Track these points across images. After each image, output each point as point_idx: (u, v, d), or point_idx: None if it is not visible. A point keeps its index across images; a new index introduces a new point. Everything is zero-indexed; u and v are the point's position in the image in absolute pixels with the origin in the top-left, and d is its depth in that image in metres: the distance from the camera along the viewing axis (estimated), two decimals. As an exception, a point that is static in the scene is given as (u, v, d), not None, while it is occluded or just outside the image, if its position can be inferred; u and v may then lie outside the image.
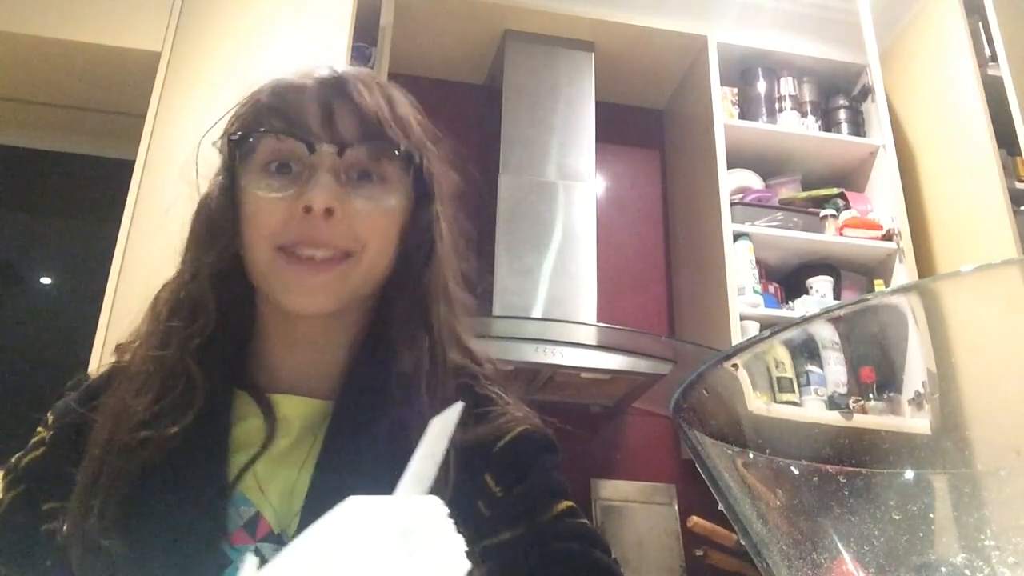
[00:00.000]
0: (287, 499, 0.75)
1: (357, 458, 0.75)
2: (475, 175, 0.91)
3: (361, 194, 0.77)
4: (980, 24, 2.84)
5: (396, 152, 0.79)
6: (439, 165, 0.86)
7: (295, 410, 0.80)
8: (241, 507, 0.74)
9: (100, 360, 2.03)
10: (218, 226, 0.80)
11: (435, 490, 0.38)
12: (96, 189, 2.81)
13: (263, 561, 0.36)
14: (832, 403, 0.36)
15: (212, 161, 0.85)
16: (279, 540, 0.73)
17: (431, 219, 0.83)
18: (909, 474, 0.34)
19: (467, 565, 0.34)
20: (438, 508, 0.36)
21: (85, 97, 2.68)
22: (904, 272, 2.78)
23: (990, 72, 2.75)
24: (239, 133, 0.80)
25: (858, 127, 3.09)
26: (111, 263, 2.13)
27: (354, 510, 0.36)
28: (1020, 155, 2.65)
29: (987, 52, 2.81)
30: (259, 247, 0.77)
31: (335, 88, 0.80)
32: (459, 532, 0.36)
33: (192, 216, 0.86)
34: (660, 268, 3.19)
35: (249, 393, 0.81)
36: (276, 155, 0.78)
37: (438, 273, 0.84)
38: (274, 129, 0.78)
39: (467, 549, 0.35)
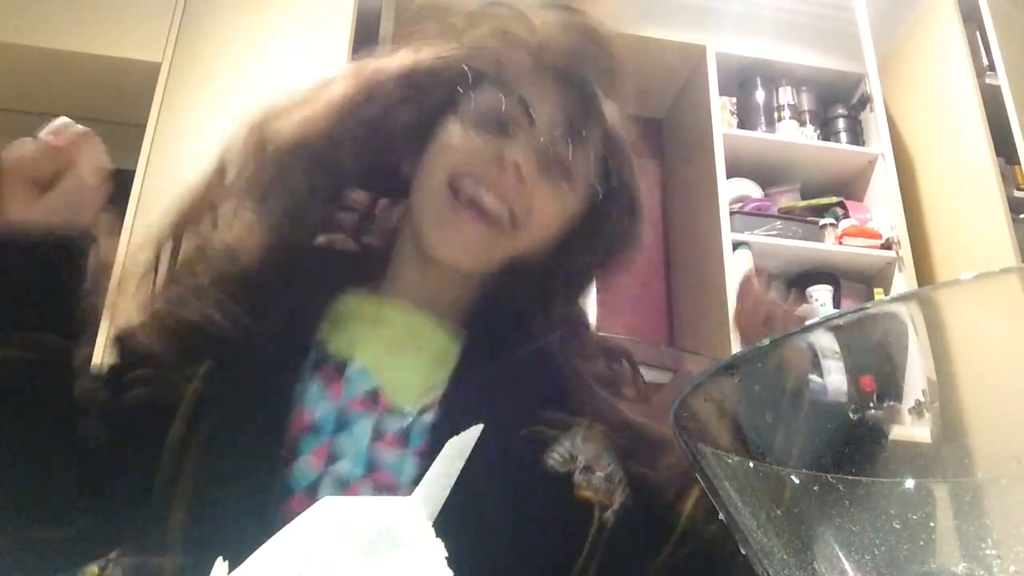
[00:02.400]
0: (410, 382, 0.77)
1: (493, 373, 0.77)
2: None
3: (550, 182, 0.79)
4: (977, 33, 2.85)
5: (595, 150, 0.81)
6: (630, 172, 0.87)
7: (426, 320, 0.82)
8: (360, 379, 0.76)
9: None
10: (403, 132, 0.80)
11: None
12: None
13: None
14: (833, 412, 0.36)
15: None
16: (400, 415, 0.75)
17: (606, 220, 0.84)
18: (910, 483, 0.34)
19: (445, 569, 0.34)
20: (416, 510, 0.36)
21: (85, 107, 2.67)
22: (903, 281, 2.78)
23: (988, 81, 2.76)
24: (471, 69, 0.80)
25: (857, 136, 3.09)
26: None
27: (329, 510, 0.36)
28: (1018, 164, 2.66)
29: (985, 61, 2.81)
30: (438, 174, 0.78)
31: (566, 79, 0.81)
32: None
33: (355, 94, 0.82)
34: (659, 276, 3.19)
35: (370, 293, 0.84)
36: (496, 109, 0.78)
37: (583, 282, 0.89)
38: (506, 86, 0.79)
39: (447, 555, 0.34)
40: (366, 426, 0.74)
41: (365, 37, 2.63)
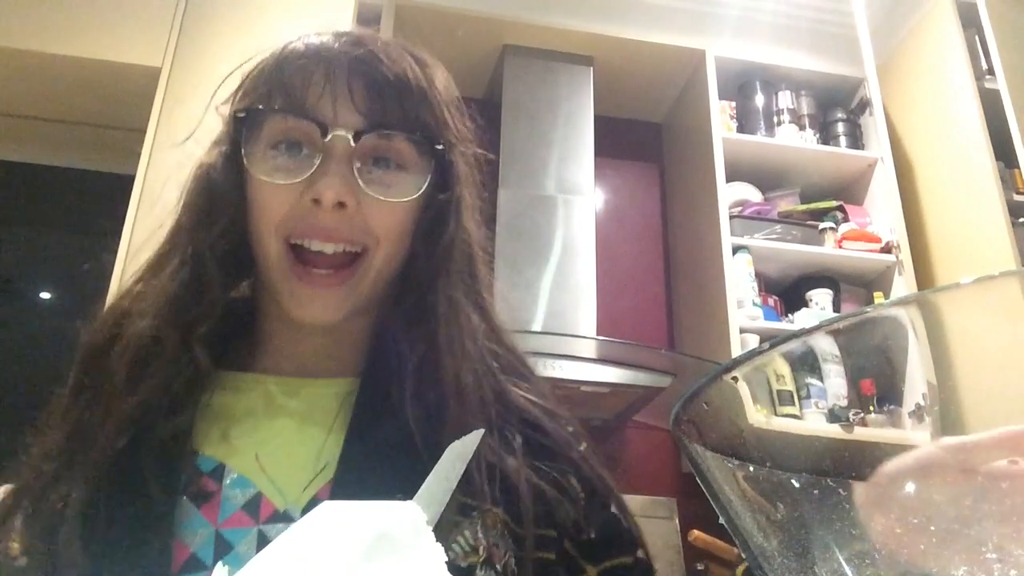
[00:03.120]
0: (295, 474, 0.69)
1: (388, 435, 0.69)
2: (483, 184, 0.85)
3: (376, 185, 0.70)
4: (976, 37, 2.85)
5: (415, 138, 0.72)
6: (465, 146, 0.79)
7: (306, 390, 0.75)
8: (238, 489, 0.68)
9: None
10: (221, 203, 0.73)
11: None
12: (96, 204, 2.81)
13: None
14: (833, 416, 0.36)
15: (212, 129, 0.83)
16: (286, 518, 0.67)
17: (450, 204, 0.76)
18: (910, 487, 0.34)
19: (445, 573, 0.34)
20: (416, 515, 0.36)
21: (85, 112, 2.68)
22: (903, 284, 2.78)
23: (987, 85, 2.76)
24: (245, 110, 0.73)
25: (856, 140, 3.10)
26: (110, 278, 2.13)
27: (329, 515, 0.36)
28: (1018, 167, 2.66)
29: (984, 65, 2.82)
30: (266, 236, 0.71)
31: (355, 60, 0.72)
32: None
33: (189, 185, 0.78)
34: (659, 281, 3.19)
35: (245, 372, 0.76)
36: (284, 135, 0.71)
37: (458, 261, 0.76)
38: (284, 108, 0.71)
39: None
40: (250, 544, 0.65)
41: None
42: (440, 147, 0.73)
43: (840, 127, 3.11)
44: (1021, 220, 2.63)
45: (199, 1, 2.53)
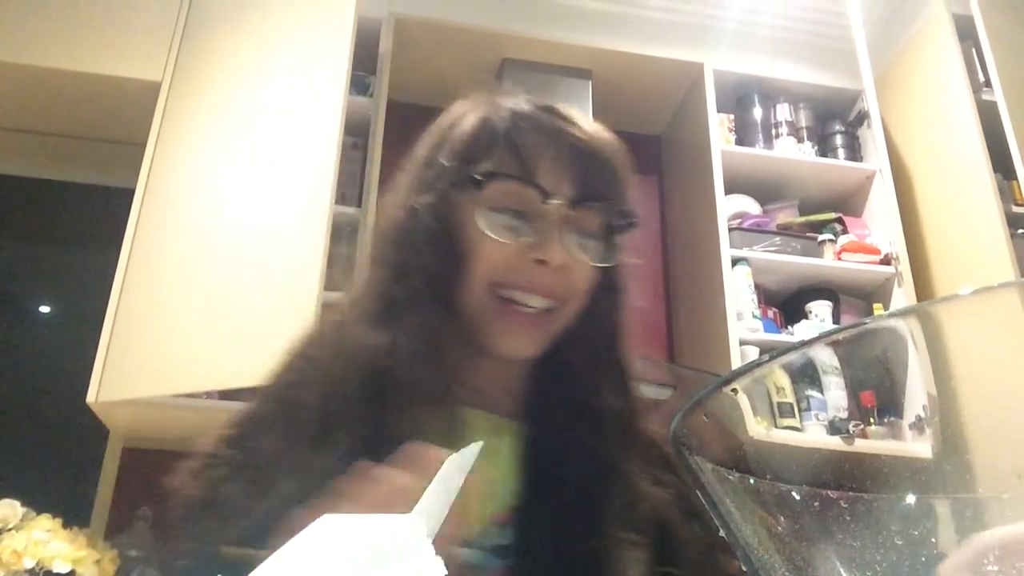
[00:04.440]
0: (475, 503, 0.73)
1: (560, 472, 0.78)
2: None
3: (582, 250, 0.81)
4: (973, 50, 2.86)
5: (620, 221, 0.84)
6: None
7: (480, 423, 0.81)
8: None
9: (99, 388, 2.02)
10: (433, 248, 0.81)
11: None
12: (96, 218, 2.82)
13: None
14: (833, 428, 0.36)
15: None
16: (466, 543, 0.73)
17: (623, 268, 0.89)
18: (911, 499, 0.34)
19: None
20: (416, 527, 0.36)
21: (85, 126, 2.69)
22: (903, 296, 2.78)
23: (984, 97, 2.77)
24: (485, 173, 0.80)
25: (854, 152, 3.10)
26: (110, 292, 2.13)
27: (328, 528, 0.36)
28: (1016, 179, 2.67)
29: (981, 78, 2.83)
30: (475, 282, 0.80)
31: (575, 138, 0.82)
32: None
33: (387, 226, 0.86)
34: (659, 293, 3.19)
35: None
36: (509, 200, 0.80)
37: (623, 316, 0.89)
38: (518, 176, 0.80)
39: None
40: None
41: (365, 56, 2.64)
42: (633, 223, 0.86)
43: (838, 139, 3.11)
44: (1020, 231, 2.63)
45: (199, 16, 2.54)
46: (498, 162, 0.81)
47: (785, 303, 2.95)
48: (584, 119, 0.86)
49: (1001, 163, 2.67)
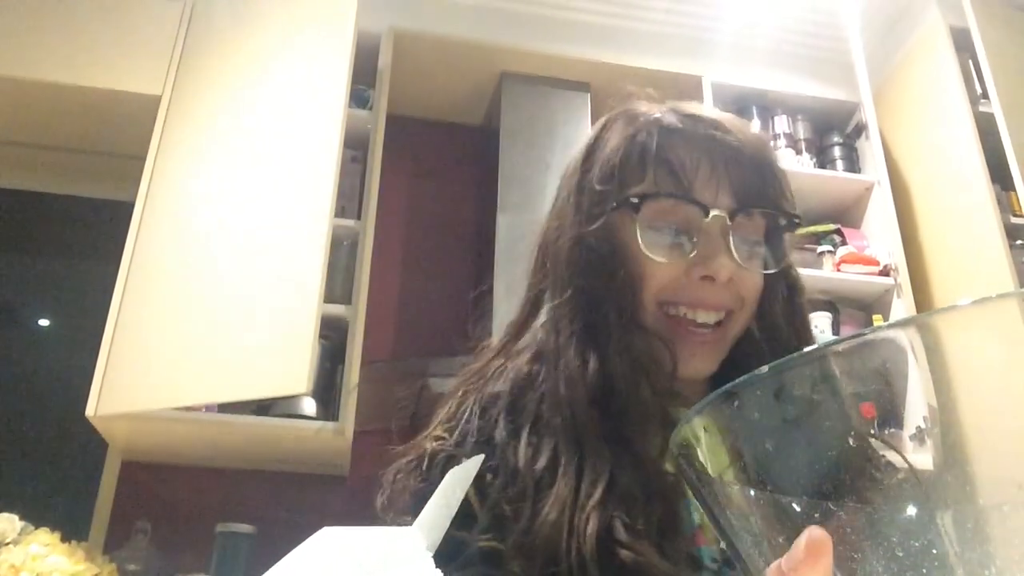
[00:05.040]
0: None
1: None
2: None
3: (753, 260, 0.81)
4: (970, 61, 2.87)
5: (783, 221, 0.83)
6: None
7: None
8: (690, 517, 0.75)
9: (98, 402, 2.02)
10: (609, 274, 0.80)
11: None
12: (95, 231, 2.82)
13: None
14: (833, 438, 0.36)
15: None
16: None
17: (792, 270, 0.89)
18: (912, 510, 0.34)
19: None
20: (418, 540, 0.36)
21: (85, 140, 2.70)
22: (902, 307, 2.78)
23: (981, 109, 2.78)
24: (634, 193, 0.80)
25: (853, 163, 3.11)
26: (109, 305, 2.13)
27: (331, 540, 0.36)
28: (1014, 190, 2.67)
29: (978, 89, 2.83)
30: (645, 302, 0.80)
31: (727, 147, 0.82)
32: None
33: (559, 256, 0.85)
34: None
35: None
36: (669, 217, 0.80)
37: (799, 317, 0.88)
38: (675, 194, 0.80)
39: None
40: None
41: (364, 69, 2.65)
42: (796, 221, 0.85)
43: (837, 151, 3.11)
44: (1019, 242, 2.63)
45: (199, 30, 2.56)
46: (653, 181, 0.80)
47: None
48: (731, 121, 0.85)
49: (999, 174, 2.67)
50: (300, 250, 2.11)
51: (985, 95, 2.79)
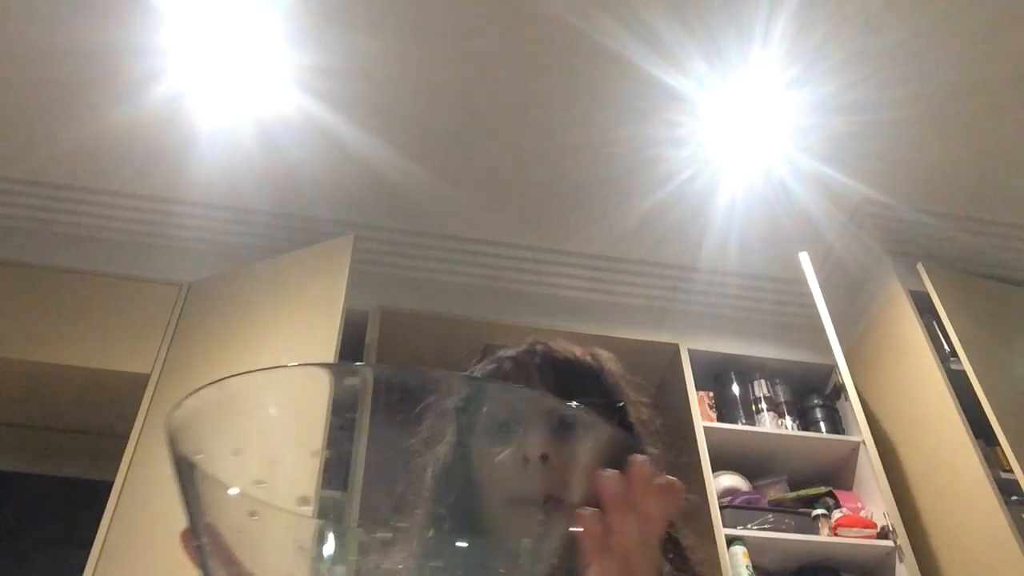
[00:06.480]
0: None
1: None
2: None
3: (569, 441, 0.84)
4: (935, 323, 2.97)
5: (593, 402, 0.89)
6: (647, 412, 1.00)
7: None
8: None
9: None
10: (456, 479, 0.89)
11: None
12: (69, 512, 2.73)
13: None
14: None
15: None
16: None
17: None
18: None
19: None
20: None
21: (71, 420, 2.69)
22: (906, 571, 2.67)
23: (953, 367, 2.84)
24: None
25: (835, 424, 3.13)
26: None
27: None
28: (999, 445, 2.67)
29: (947, 348, 2.91)
30: (493, 499, 0.85)
31: (543, 356, 0.97)
32: None
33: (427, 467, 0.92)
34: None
35: None
36: (503, 418, 0.86)
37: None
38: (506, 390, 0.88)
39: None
40: None
41: (352, 346, 2.73)
42: (621, 407, 0.96)
43: (818, 412, 3.15)
44: (1014, 498, 2.58)
45: (192, 310, 2.65)
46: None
47: (786, 584, 2.82)
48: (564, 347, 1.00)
49: (982, 431, 2.68)
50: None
51: (954, 353, 2.87)
